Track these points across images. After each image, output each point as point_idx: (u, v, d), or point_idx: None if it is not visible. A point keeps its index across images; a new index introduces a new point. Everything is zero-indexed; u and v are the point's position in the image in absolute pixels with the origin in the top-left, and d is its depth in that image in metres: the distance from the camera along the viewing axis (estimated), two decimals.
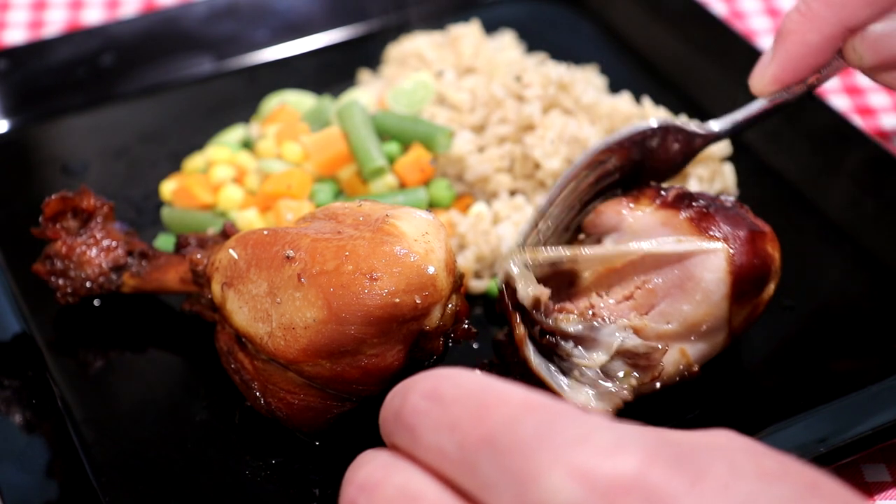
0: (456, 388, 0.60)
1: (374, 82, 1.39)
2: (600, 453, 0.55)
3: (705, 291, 0.93)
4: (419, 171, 1.20)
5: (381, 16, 1.50)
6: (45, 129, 1.36)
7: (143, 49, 1.43)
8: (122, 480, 0.96)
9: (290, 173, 1.20)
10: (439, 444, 0.59)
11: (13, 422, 0.99)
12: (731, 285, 0.94)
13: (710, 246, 0.94)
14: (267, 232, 0.94)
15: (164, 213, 1.22)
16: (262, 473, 0.97)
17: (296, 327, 0.88)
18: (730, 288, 0.94)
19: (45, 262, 1.08)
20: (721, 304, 0.94)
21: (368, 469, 0.63)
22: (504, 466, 0.56)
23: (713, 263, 0.94)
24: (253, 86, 1.41)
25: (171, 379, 1.07)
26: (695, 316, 0.94)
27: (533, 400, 0.59)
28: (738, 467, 0.56)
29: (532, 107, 1.23)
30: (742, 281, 0.94)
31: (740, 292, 0.95)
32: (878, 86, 1.46)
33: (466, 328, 0.93)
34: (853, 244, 1.18)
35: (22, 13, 1.60)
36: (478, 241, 1.16)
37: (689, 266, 0.94)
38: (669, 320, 0.94)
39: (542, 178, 1.21)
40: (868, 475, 0.99)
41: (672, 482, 0.54)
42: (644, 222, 0.98)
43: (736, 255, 0.94)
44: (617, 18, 1.51)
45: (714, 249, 0.94)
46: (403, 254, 0.86)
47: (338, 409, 0.93)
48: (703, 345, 0.96)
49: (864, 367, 1.04)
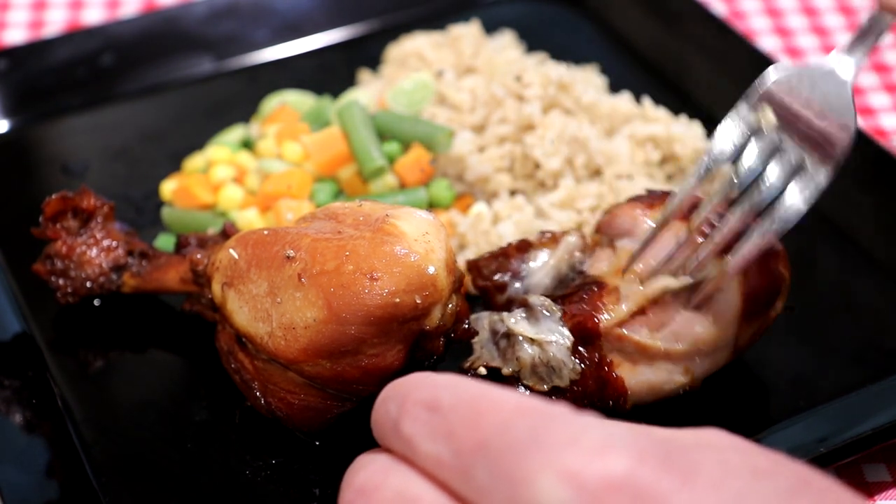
0: (453, 396, 0.61)
1: (374, 82, 1.39)
2: (590, 454, 0.55)
3: (717, 313, 0.93)
4: (419, 171, 1.20)
5: (381, 16, 1.51)
6: (45, 129, 1.36)
7: (143, 49, 1.43)
8: (122, 480, 0.96)
9: (290, 173, 1.20)
10: (437, 452, 0.60)
11: (13, 422, 0.99)
12: (743, 305, 0.93)
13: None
14: (267, 232, 0.94)
15: (165, 213, 1.22)
16: (262, 473, 0.97)
17: (296, 327, 0.88)
18: (741, 308, 0.93)
19: (46, 261, 1.08)
20: (732, 324, 0.94)
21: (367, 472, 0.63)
22: (497, 470, 0.57)
23: (727, 285, 0.93)
24: (253, 86, 1.41)
25: (171, 379, 1.07)
26: (706, 337, 0.93)
27: (526, 404, 0.59)
28: (728, 465, 0.56)
29: (532, 107, 1.23)
30: (753, 301, 0.94)
31: (750, 312, 0.94)
32: (878, 86, 1.46)
33: (466, 328, 0.93)
34: (853, 244, 1.18)
35: (22, 13, 1.60)
36: (478, 241, 1.16)
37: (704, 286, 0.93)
38: (680, 340, 0.94)
39: (542, 178, 1.21)
40: (868, 475, 0.99)
41: (662, 481, 0.54)
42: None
43: (750, 274, 0.93)
44: (617, 18, 1.51)
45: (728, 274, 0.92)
46: (404, 254, 0.86)
47: (338, 409, 0.93)
48: (707, 362, 0.96)
49: (864, 367, 1.04)
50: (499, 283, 1.01)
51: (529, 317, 0.95)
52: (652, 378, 0.95)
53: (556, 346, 0.93)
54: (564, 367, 0.93)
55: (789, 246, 1.02)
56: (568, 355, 0.93)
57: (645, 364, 0.94)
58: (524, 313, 0.96)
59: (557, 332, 0.94)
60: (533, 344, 0.94)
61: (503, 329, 0.96)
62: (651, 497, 0.53)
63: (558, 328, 0.94)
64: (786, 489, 0.55)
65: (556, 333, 0.94)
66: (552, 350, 0.93)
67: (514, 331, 0.95)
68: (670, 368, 0.94)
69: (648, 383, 0.95)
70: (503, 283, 1.01)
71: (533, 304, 0.96)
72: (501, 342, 0.96)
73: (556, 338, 0.94)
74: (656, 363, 0.94)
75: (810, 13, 1.59)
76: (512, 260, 1.02)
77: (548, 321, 0.95)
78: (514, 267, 1.02)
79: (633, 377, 0.94)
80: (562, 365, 0.93)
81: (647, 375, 0.94)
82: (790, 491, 0.55)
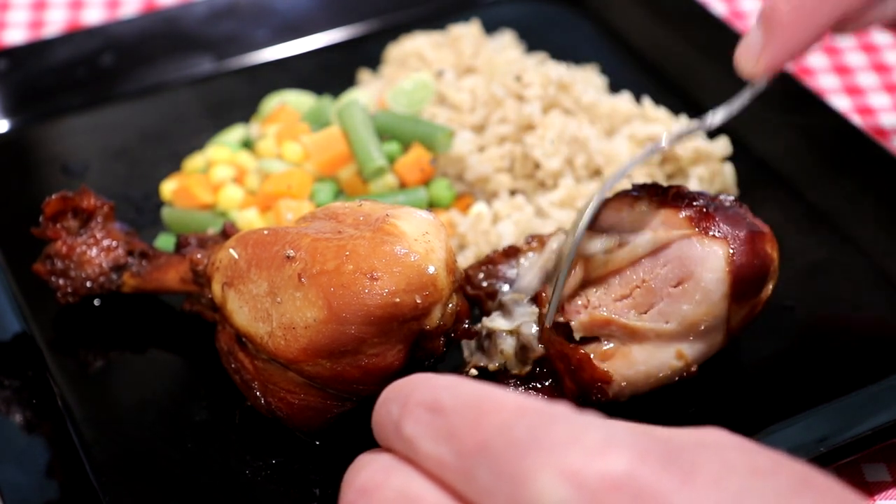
0: (454, 397, 0.61)
1: (374, 82, 1.39)
2: (590, 453, 0.55)
3: (705, 291, 0.93)
4: (419, 171, 1.20)
5: (381, 16, 1.51)
6: (45, 129, 1.36)
7: (143, 49, 1.43)
8: (122, 480, 0.96)
9: (290, 173, 1.20)
10: (439, 453, 0.60)
11: (13, 422, 0.99)
12: (731, 285, 0.94)
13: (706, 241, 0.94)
14: (267, 232, 0.94)
15: (165, 213, 1.22)
16: (262, 473, 0.97)
17: (296, 327, 0.88)
18: (729, 287, 0.94)
19: (46, 261, 1.08)
20: (720, 303, 0.94)
21: (368, 472, 0.63)
22: (498, 470, 0.57)
23: (713, 263, 0.93)
24: (253, 86, 1.41)
25: (171, 379, 1.07)
26: (694, 315, 0.94)
27: (526, 404, 0.59)
28: (729, 463, 0.56)
29: (532, 107, 1.23)
30: (741, 281, 0.94)
31: (739, 292, 0.94)
32: (878, 86, 1.46)
33: (467, 328, 0.93)
34: (853, 244, 1.17)
35: (22, 13, 1.60)
36: (478, 241, 1.16)
37: (689, 265, 0.94)
38: (668, 319, 0.94)
39: (542, 178, 1.21)
40: (868, 475, 0.99)
41: (662, 479, 0.54)
42: (643, 220, 0.98)
43: (735, 254, 0.94)
44: (617, 18, 1.51)
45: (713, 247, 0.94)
46: (404, 253, 0.86)
47: (338, 409, 0.93)
48: (701, 345, 0.96)
49: (864, 367, 1.04)
50: (489, 290, 1.03)
51: (504, 313, 0.99)
52: (645, 363, 0.95)
53: (527, 325, 0.98)
54: (534, 339, 0.97)
55: (788, 245, 1.02)
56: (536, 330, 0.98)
57: (636, 348, 0.95)
58: (500, 312, 1.00)
59: (527, 313, 0.98)
60: (511, 335, 0.98)
61: (485, 332, 0.99)
62: (651, 495, 0.54)
63: (528, 310, 0.98)
64: (786, 488, 0.55)
65: (526, 315, 0.98)
66: (524, 330, 0.97)
67: (492, 328, 0.98)
68: (662, 351, 0.95)
69: (642, 368, 0.95)
70: (494, 290, 1.03)
71: (504, 301, 1.00)
72: (485, 343, 1.00)
73: (527, 318, 0.98)
74: (647, 345, 0.95)
75: None
76: (500, 266, 1.04)
77: (518, 309, 0.99)
78: (503, 273, 1.04)
79: (626, 364, 0.95)
80: (530, 339, 0.97)
81: (640, 360, 0.95)
82: (791, 490, 0.55)
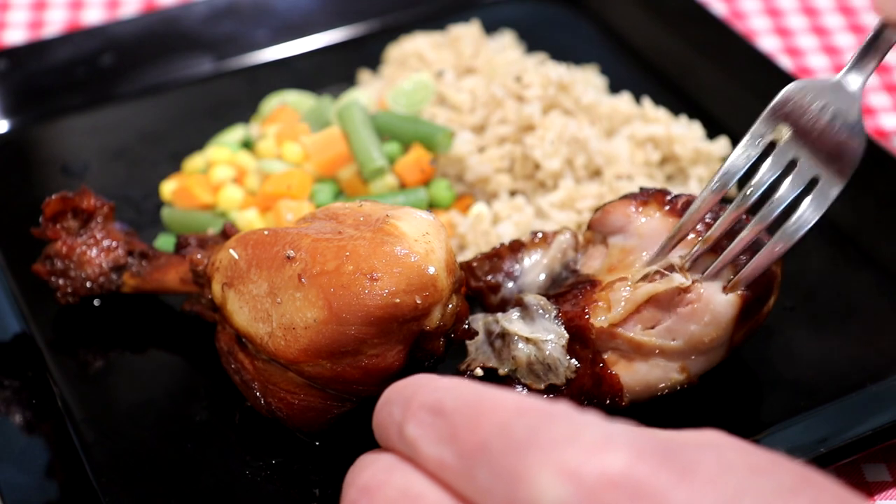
0: (455, 399, 0.61)
1: (374, 82, 1.39)
2: (588, 451, 0.55)
3: (714, 314, 0.93)
4: (419, 172, 1.20)
5: (381, 16, 1.51)
6: (45, 129, 1.36)
7: (143, 49, 1.43)
8: (122, 480, 0.96)
9: (290, 173, 1.20)
10: (440, 454, 0.60)
11: (13, 422, 0.99)
12: (740, 307, 0.94)
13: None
14: (267, 232, 0.94)
15: (164, 213, 1.22)
16: (262, 473, 0.97)
17: (296, 327, 0.88)
18: (738, 310, 0.94)
19: (46, 262, 1.09)
20: (729, 325, 0.94)
21: (370, 471, 0.63)
22: (497, 470, 0.57)
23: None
24: (253, 86, 1.41)
25: (171, 379, 1.07)
26: (701, 336, 0.93)
27: (526, 404, 0.59)
28: (727, 462, 0.56)
29: (532, 107, 1.23)
30: (750, 302, 0.94)
31: (746, 313, 0.94)
32: (878, 86, 1.46)
33: (466, 328, 0.93)
34: (853, 244, 1.18)
35: (22, 13, 1.60)
36: (478, 242, 1.16)
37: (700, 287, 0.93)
38: (675, 337, 0.94)
39: (542, 179, 1.21)
40: (868, 475, 0.99)
41: (660, 477, 0.54)
42: (650, 227, 0.97)
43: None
44: (617, 18, 1.51)
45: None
46: (404, 254, 0.86)
47: (338, 410, 0.93)
48: (703, 360, 0.96)
49: (864, 367, 1.04)
50: (492, 283, 1.02)
51: (525, 316, 0.96)
52: (648, 375, 0.95)
53: (552, 345, 0.94)
54: (560, 364, 0.94)
55: None
56: (563, 353, 0.94)
57: (640, 361, 0.94)
58: (519, 313, 0.97)
59: (553, 330, 0.95)
60: (528, 343, 0.94)
61: (498, 329, 0.96)
62: (649, 493, 0.54)
63: (554, 326, 0.95)
64: (784, 486, 0.55)
65: (551, 332, 0.94)
66: (548, 348, 0.94)
67: (510, 330, 0.95)
68: (666, 365, 0.95)
69: (645, 380, 0.95)
70: (497, 283, 1.02)
71: (528, 303, 0.96)
72: (497, 342, 0.97)
73: (552, 336, 0.94)
74: (651, 360, 0.94)
75: (810, 13, 1.59)
76: (505, 260, 1.03)
77: (543, 320, 0.95)
78: (508, 267, 1.03)
79: (629, 374, 0.94)
80: (558, 363, 0.94)
81: (642, 372, 0.95)
82: (789, 488, 0.55)
